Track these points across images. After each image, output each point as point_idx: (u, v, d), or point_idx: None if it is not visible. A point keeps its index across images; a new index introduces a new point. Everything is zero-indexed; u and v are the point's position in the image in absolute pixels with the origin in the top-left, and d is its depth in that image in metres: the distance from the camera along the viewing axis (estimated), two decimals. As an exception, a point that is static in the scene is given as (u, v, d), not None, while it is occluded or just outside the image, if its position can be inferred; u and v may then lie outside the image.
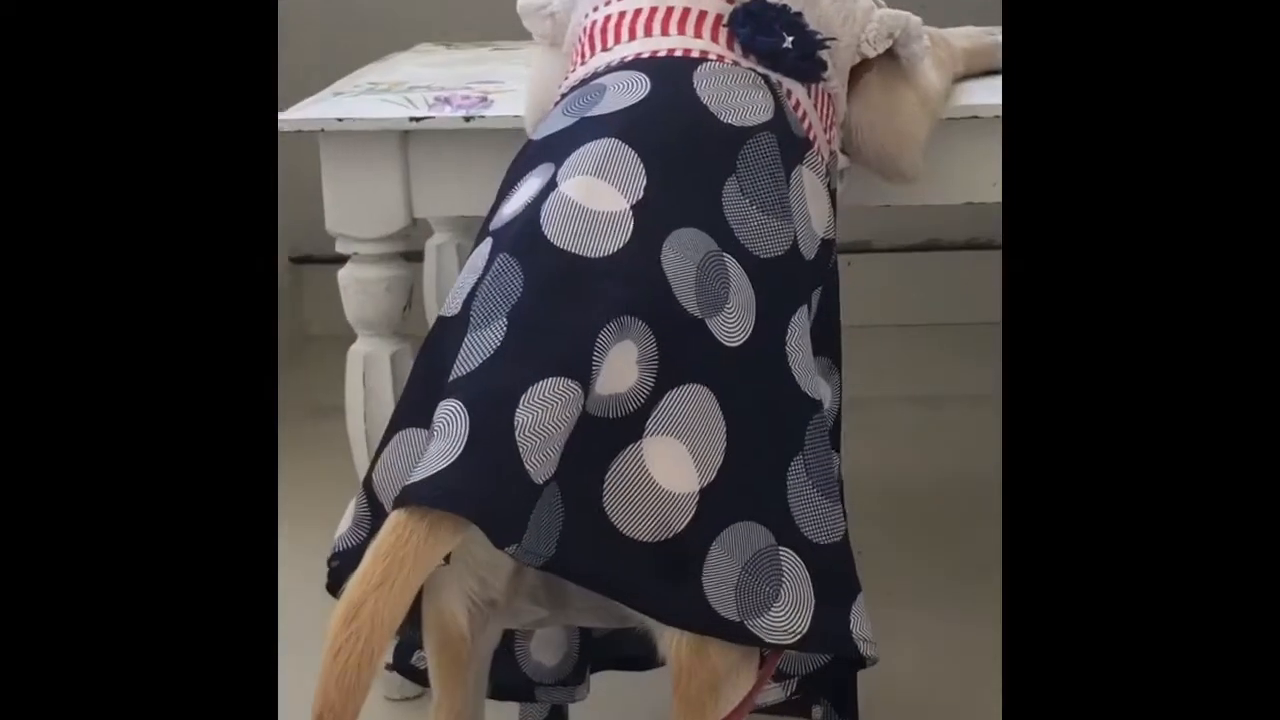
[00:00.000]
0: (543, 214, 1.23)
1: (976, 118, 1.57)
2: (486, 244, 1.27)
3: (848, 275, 1.49)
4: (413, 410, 1.23)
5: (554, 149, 1.30)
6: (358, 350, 1.69)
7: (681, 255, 1.23)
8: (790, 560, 1.22)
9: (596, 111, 1.30)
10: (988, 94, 1.60)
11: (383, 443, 1.25)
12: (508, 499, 1.13)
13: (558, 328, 1.18)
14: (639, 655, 1.45)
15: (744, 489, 1.21)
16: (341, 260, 1.69)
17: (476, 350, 1.18)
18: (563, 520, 1.15)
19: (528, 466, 1.13)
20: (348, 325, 1.72)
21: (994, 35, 1.67)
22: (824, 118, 1.41)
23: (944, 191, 1.61)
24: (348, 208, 1.65)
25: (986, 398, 2.31)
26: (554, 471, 1.15)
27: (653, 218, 1.23)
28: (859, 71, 1.47)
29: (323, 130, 1.62)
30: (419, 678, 1.41)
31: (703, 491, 1.19)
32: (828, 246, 1.37)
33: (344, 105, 1.65)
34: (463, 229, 2.05)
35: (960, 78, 1.62)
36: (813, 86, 1.40)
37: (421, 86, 1.72)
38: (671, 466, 1.19)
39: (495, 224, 1.29)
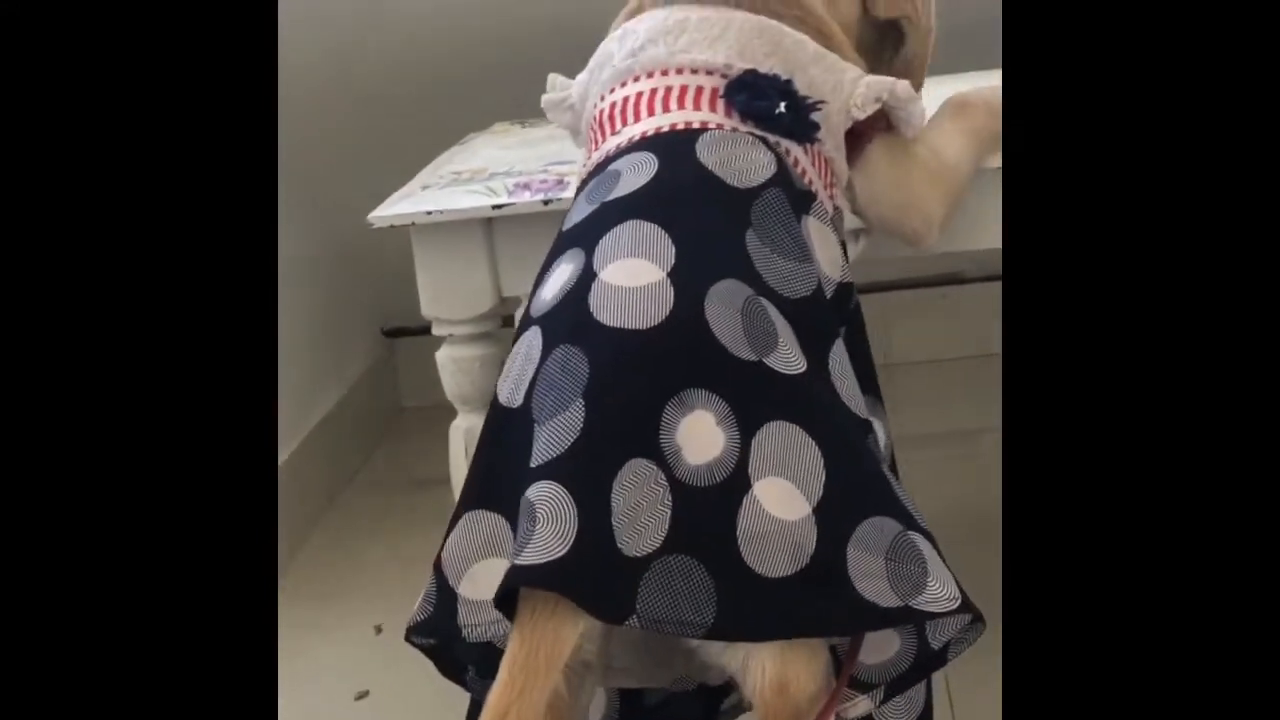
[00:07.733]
0: (591, 304, 1.32)
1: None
2: (535, 332, 1.36)
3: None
4: (479, 496, 1.33)
5: (582, 235, 1.40)
6: (459, 425, 1.79)
7: (724, 306, 1.31)
8: (921, 542, 1.29)
9: (615, 195, 1.41)
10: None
11: (451, 524, 1.34)
12: (619, 581, 1.23)
13: (628, 409, 1.27)
14: (697, 717, 1.53)
15: (856, 492, 1.29)
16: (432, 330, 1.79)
17: (562, 433, 1.27)
18: (714, 589, 1.24)
19: (619, 545, 1.23)
20: (443, 396, 1.81)
21: None
22: (823, 176, 1.50)
23: (957, 239, 1.66)
24: (441, 293, 1.75)
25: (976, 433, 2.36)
26: (659, 544, 1.24)
27: (689, 280, 1.32)
28: (859, 143, 1.56)
29: (413, 224, 1.73)
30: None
31: (816, 509, 1.27)
32: (845, 288, 1.45)
33: (431, 199, 1.75)
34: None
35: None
36: (808, 147, 1.49)
37: (501, 173, 1.82)
38: (783, 499, 1.26)
39: (536, 310, 1.38)
